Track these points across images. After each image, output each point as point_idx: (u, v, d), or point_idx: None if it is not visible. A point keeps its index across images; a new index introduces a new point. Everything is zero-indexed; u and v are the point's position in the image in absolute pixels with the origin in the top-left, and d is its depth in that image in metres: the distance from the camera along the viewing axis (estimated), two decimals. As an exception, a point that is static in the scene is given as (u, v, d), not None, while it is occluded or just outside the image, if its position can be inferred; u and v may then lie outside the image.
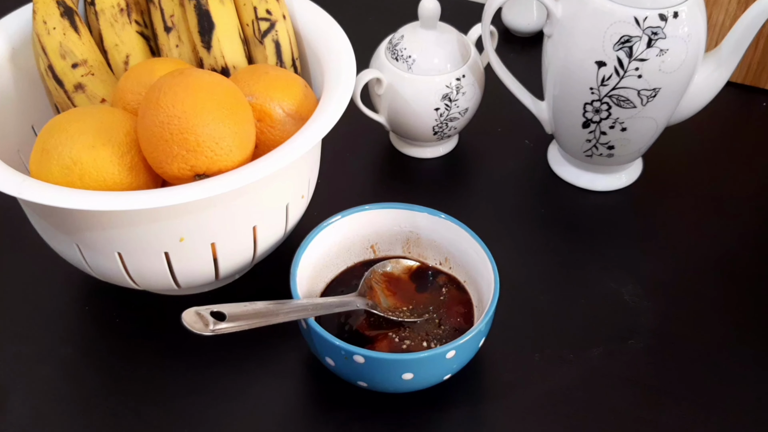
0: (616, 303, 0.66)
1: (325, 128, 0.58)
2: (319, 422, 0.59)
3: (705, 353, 0.63)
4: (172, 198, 0.52)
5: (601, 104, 0.68)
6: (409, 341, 0.59)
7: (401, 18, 0.79)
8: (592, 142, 0.71)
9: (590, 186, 0.76)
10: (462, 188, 0.77)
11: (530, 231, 0.73)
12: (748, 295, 0.67)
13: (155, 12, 0.67)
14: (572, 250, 0.71)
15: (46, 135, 0.57)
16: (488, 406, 0.60)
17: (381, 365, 0.54)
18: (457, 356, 0.55)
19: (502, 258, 0.60)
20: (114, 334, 0.65)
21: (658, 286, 0.68)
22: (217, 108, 0.56)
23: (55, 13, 0.65)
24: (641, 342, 0.63)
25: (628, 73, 0.65)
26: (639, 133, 0.70)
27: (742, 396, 0.60)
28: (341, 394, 0.60)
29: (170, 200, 0.52)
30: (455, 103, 0.74)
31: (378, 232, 0.65)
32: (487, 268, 0.59)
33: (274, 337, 0.62)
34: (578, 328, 0.64)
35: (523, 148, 0.81)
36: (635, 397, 0.60)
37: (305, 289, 0.60)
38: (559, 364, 0.62)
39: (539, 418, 0.59)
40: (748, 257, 0.70)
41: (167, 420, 0.59)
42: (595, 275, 0.69)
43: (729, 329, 0.64)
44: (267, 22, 0.67)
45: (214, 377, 0.61)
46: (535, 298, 0.67)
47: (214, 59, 0.66)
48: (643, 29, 0.63)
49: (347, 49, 0.65)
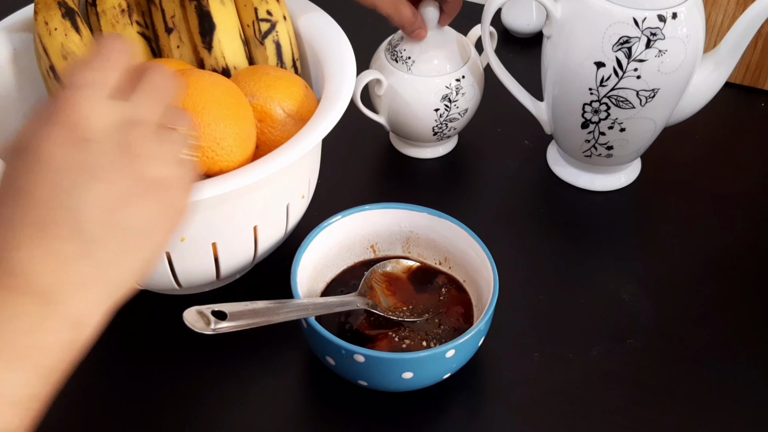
0: (615, 302, 0.66)
1: (325, 129, 0.58)
2: (319, 422, 0.59)
3: (704, 353, 0.63)
4: None
5: (600, 105, 0.68)
6: (409, 341, 0.60)
7: (401, 19, 0.79)
8: (591, 142, 0.72)
9: (589, 186, 0.76)
10: (462, 188, 0.78)
11: (529, 231, 0.73)
12: (747, 294, 0.67)
13: (156, 13, 0.68)
14: (571, 250, 0.71)
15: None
16: (488, 406, 0.60)
17: (381, 364, 0.54)
18: (457, 355, 0.56)
19: (501, 258, 0.60)
20: (114, 334, 0.64)
21: (657, 286, 0.68)
22: (217, 108, 0.56)
23: (56, 14, 0.65)
24: (640, 341, 0.64)
25: (627, 74, 0.65)
26: (638, 133, 0.70)
27: (742, 396, 0.60)
28: (341, 394, 0.60)
29: (171, 200, 0.52)
30: (455, 104, 0.74)
31: (378, 232, 0.65)
32: (487, 267, 0.59)
33: (274, 336, 0.62)
34: (577, 327, 0.65)
35: (523, 148, 0.81)
36: (635, 397, 0.60)
37: (306, 289, 0.60)
38: (558, 363, 0.62)
39: (539, 417, 0.59)
40: (747, 257, 0.70)
41: (167, 419, 0.59)
42: (594, 275, 0.69)
43: (728, 329, 0.64)
44: (268, 23, 0.67)
45: (215, 376, 0.61)
46: (534, 298, 0.67)
47: (215, 60, 0.66)
48: (642, 30, 0.64)
49: (347, 50, 0.65)
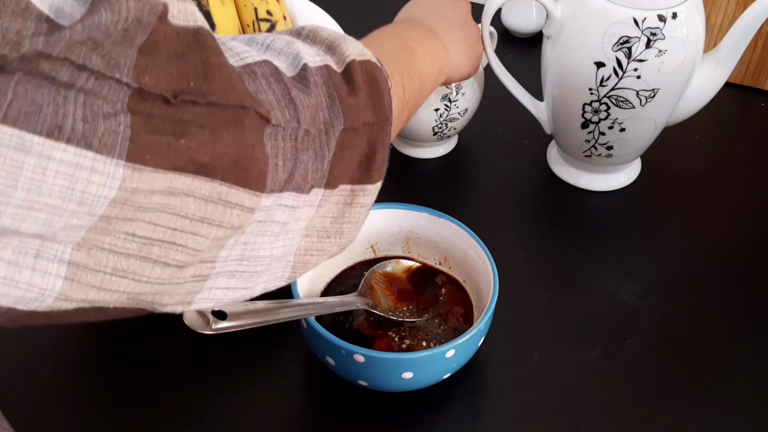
0: (615, 303, 0.66)
1: (325, 128, 0.58)
2: (319, 422, 0.59)
3: (704, 353, 0.63)
4: None
5: (600, 105, 0.68)
6: (409, 341, 0.59)
7: (401, 19, 0.79)
8: (591, 142, 0.72)
9: (589, 186, 0.76)
10: (462, 188, 0.78)
11: (529, 231, 0.73)
12: (747, 294, 0.67)
13: (156, 13, 0.68)
14: (571, 250, 0.71)
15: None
16: (488, 406, 0.60)
17: (381, 364, 0.54)
18: (457, 356, 0.55)
19: (501, 258, 0.60)
20: (114, 334, 0.65)
21: (657, 286, 0.68)
22: (217, 108, 0.56)
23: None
24: (640, 341, 0.64)
25: (627, 74, 0.65)
26: (638, 133, 0.70)
27: (742, 396, 0.60)
28: (341, 394, 0.60)
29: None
30: (455, 104, 0.74)
31: (378, 232, 0.65)
32: (487, 267, 0.59)
33: (274, 336, 0.62)
34: (577, 327, 0.65)
35: (523, 148, 0.81)
36: (635, 397, 0.60)
37: (305, 289, 0.60)
38: (558, 363, 0.62)
39: (539, 417, 0.59)
40: (748, 257, 0.70)
41: (167, 419, 0.59)
42: (594, 275, 0.69)
43: (728, 329, 0.64)
44: (268, 22, 0.67)
45: (215, 376, 0.61)
46: (534, 298, 0.67)
47: (214, 60, 0.66)
48: (642, 30, 0.64)
49: (347, 49, 0.65)
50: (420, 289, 0.64)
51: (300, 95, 0.39)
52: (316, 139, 0.40)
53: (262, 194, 0.37)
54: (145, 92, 0.31)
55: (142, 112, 0.31)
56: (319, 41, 0.44)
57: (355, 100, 0.42)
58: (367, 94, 0.43)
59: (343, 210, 0.44)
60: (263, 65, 0.38)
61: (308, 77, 0.40)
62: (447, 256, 0.64)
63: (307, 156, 0.39)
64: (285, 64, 0.40)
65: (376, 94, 0.43)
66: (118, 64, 0.30)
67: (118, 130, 0.30)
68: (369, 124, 0.43)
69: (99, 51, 0.30)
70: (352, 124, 0.42)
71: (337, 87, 0.41)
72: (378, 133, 0.44)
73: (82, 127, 0.29)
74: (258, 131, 0.36)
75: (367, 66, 0.43)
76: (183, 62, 0.33)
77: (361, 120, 0.42)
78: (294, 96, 0.38)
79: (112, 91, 0.30)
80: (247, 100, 0.35)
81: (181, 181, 0.33)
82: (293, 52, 0.41)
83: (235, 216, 0.36)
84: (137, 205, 0.32)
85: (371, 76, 0.43)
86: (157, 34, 0.32)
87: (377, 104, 0.43)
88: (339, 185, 0.42)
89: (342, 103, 0.41)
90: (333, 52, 0.43)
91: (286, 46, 0.41)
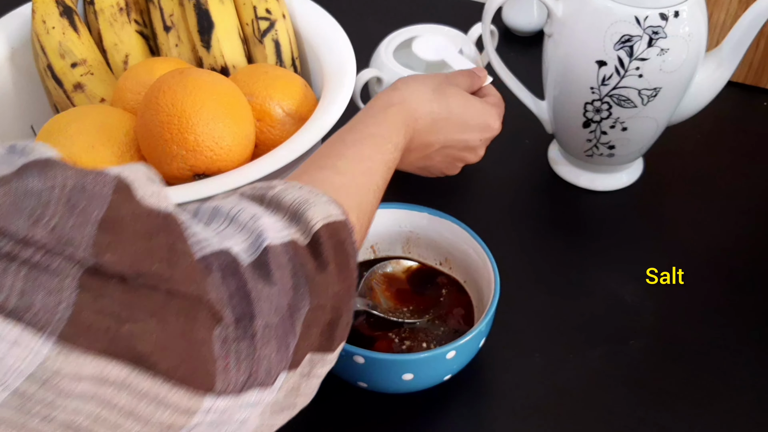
0: (616, 303, 0.66)
1: (325, 128, 0.58)
2: (319, 424, 0.59)
3: (705, 353, 0.63)
4: (172, 198, 0.52)
5: (602, 104, 0.68)
6: (409, 342, 0.59)
7: (401, 18, 0.79)
8: (592, 141, 0.71)
9: (590, 186, 0.76)
10: (462, 188, 0.77)
11: (530, 231, 0.73)
12: (748, 294, 0.67)
13: (155, 11, 0.67)
14: (572, 250, 0.71)
15: (45, 135, 0.57)
16: (488, 406, 0.60)
17: (381, 366, 0.54)
18: (458, 357, 0.55)
19: (501, 258, 0.60)
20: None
21: (659, 286, 0.68)
22: (216, 107, 0.56)
23: (54, 12, 0.64)
24: (642, 342, 0.63)
25: (628, 73, 0.65)
26: (639, 132, 0.70)
27: (742, 396, 0.60)
28: (341, 396, 0.59)
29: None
30: (455, 103, 0.74)
31: (378, 232, 0.65)
32: (487, 268, 0.59)
33: (273, 337, 0.62)
34: (578, 328, 0.64)
35: (524, 147, 0.80)
36: (635, 397, 0.60)
37: (305, 290, 0.60)
38: (559, 364, 0.62)
39: (539, 418, 0.59)
40: (749, 257, 0.70)
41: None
42: (596, 275, 0.69)
43: (729, 329, 0.64)
44: (267, 21, 0.67)
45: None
46: (535, 299, 0.67)
47: (213, 59, 0.66)
48: (643, 29, 0.63)
49: (347, 48, 0.65)
50: (420, 290, 0.63)
51: (258, 286, 0.37)
52: (279, 327, 0.37)
53: (206, 396, 0.34)
54: (102, 270, 0.30)
55: (93, 289, 0.30)
56: (283, 208, 0.41)
57: (323, 277, 0.40)
58: (335, 263, 0.41)
59: (299, 382, 0.41)
60: (220, 255, 0.36)
61: (269, 263, 0.38)
62: (447, 256, 0.64)
63: (269, 349, 0.37)
64: (245, 245, 0.38)
65: (344, 259, 0.41)
66: (72, 240, 0.29)
67: (58, 309, 0.29)
68: (336, 293, 0.41)
69: (44, 224, 0.29)
70: (320, 301, 0.40)
71: (304, 264, 0.39)
72: (344, 298, 0.42)
73: (15, 301, 0.28)
74: (208, 330, 0.34)
75: (334, 229, 0.42)
76: (150, 243, 0.32)
77: (330, 292, 0.40)
78: (250, 289, 0.37)
79: (63, 266, 0.29)
80: (205, 294, 0.34)
81: (116, 372, 0.30)
82: (256, 230, 0.39)
83: (166, 415, 0.33)
84: (59, 388, 0.29)
85: (338, 239, 0.41)
86: (120, 210, 0.31)
87: (344, 270, 0.41)
88: (302, 360, 0.40)
89: (309, 283, 0.39)
90: (298, 221, 0.41)
91: (251, 221, 0.39)
